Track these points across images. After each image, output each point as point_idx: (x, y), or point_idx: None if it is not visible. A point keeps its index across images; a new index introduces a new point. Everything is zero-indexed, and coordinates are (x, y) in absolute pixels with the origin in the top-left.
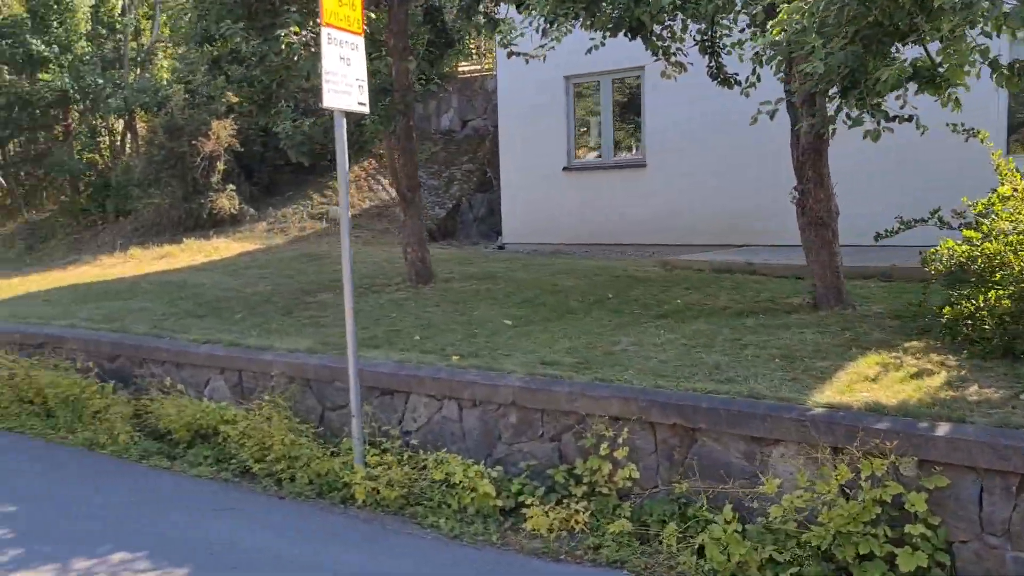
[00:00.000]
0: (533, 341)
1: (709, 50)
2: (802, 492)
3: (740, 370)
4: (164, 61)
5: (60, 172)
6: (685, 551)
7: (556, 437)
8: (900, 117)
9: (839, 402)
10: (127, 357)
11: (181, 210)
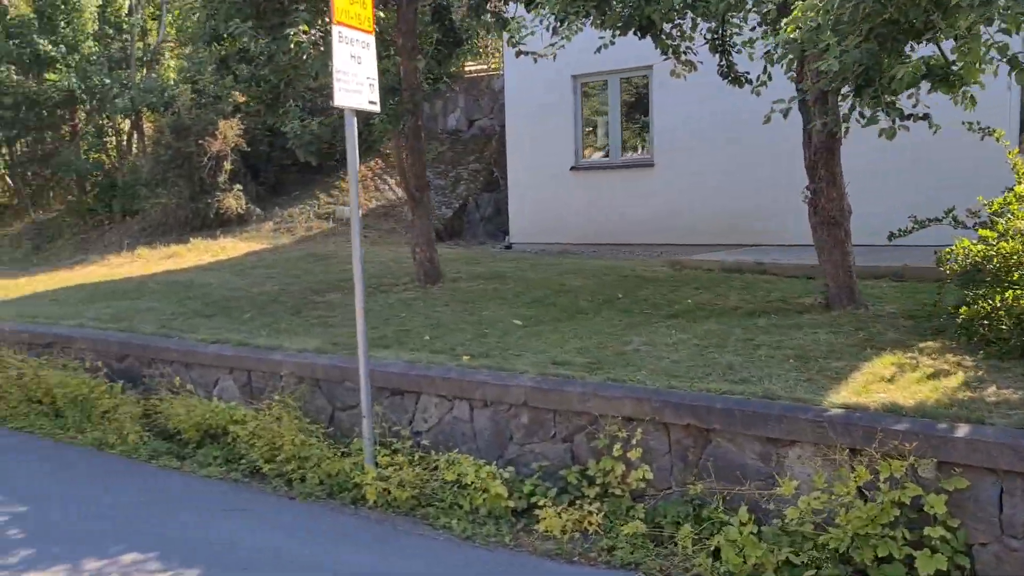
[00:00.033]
0: (544, 341)
1: (720, 49)
2: (819, 494)
3: (754, 370)
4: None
5: (67, 172)
6: (701, 553)
7: (568, 438)
8: (915, 115)
9: (856, 403)
10: (136, 357)
11: (188, 210)
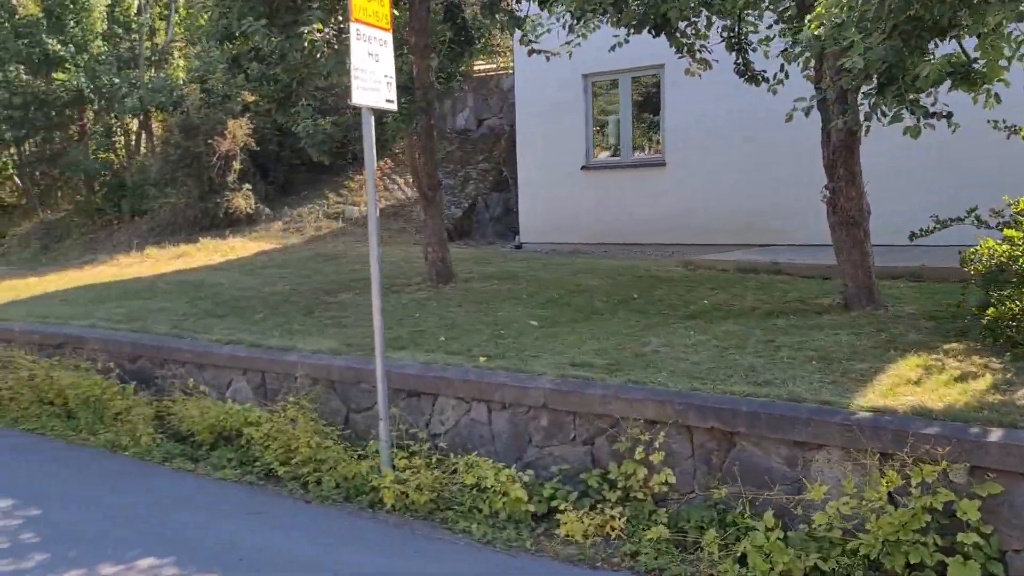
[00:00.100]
0: (561, 342)
1: (736, 47)
2: (848, 499)
3: (776, 372)
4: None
5: (75, 172)
6: (727, 559)
7: (589, 440)
8: (939, 114)
9: (883, 406)
10: (148, 358)
11: (197, 209)
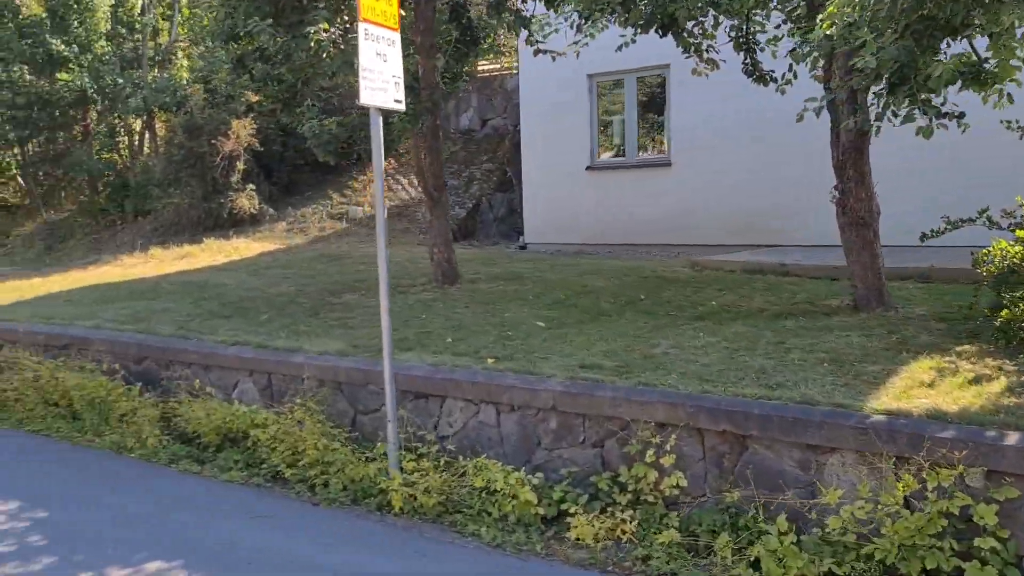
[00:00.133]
0: (569, 344)
1: (744, 47)
2: (863, 503)
3: (788, 374)
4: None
5: (79, 172)
6: (740, 563)
7: (599, 443)
8: (951, 114)
9: (897, 409)
10: (153, 359)
11: (201, 210)
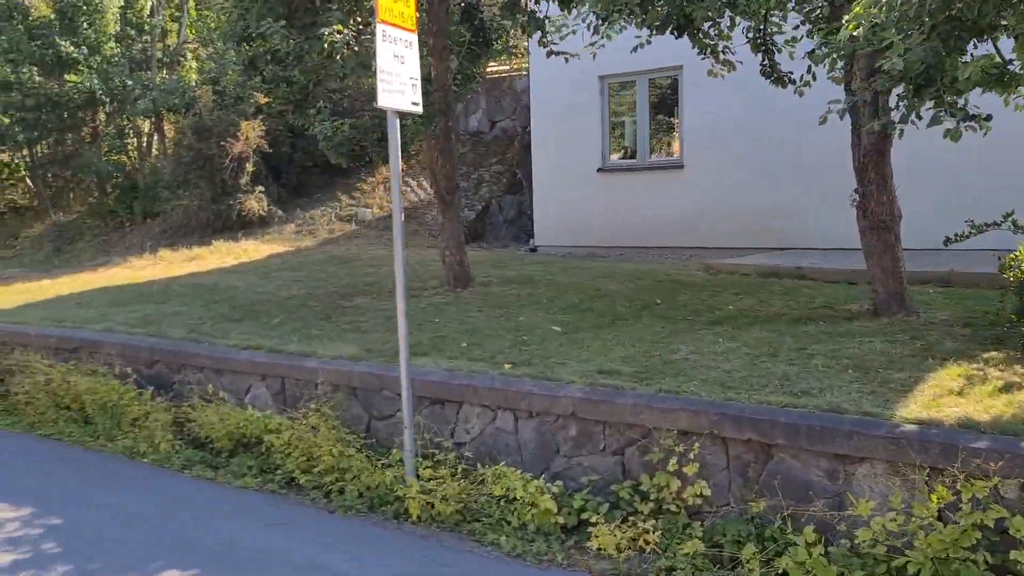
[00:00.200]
0: (586, 349)
1: (762, 48)
2: (895, 515)
3: (812, 382)
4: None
5: (88, 173)
6: (768, 575)
7: (619, 451)
8: (978, 116)
9: (928, 418)
10: (165, 363)
11: (209, 212)
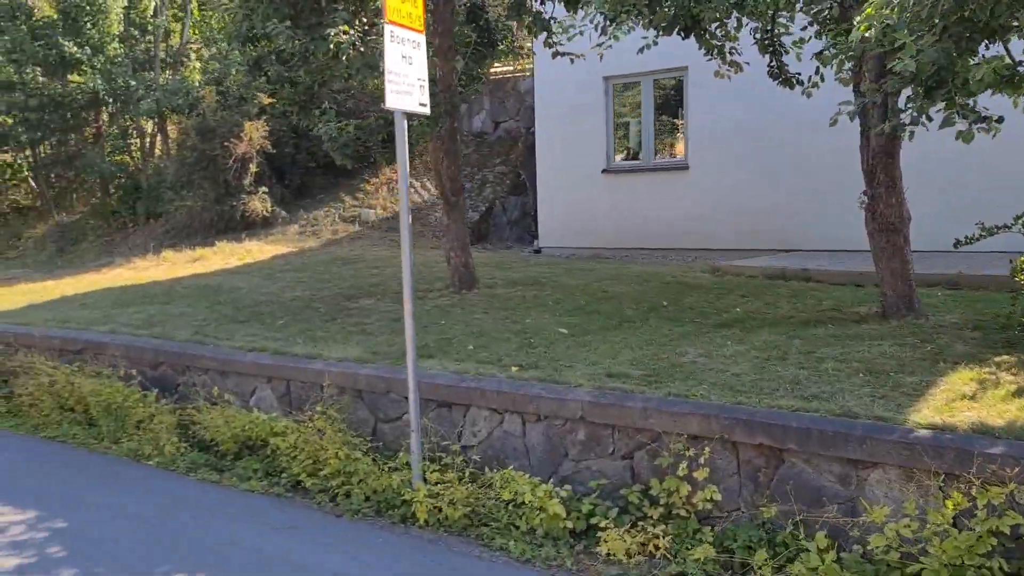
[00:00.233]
0: (594, 352)
1: (770, 49)
2: (909, 521)
3: (823, 385)
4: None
5: (91, 174)
6: None
7: (628, 455)
8: (990, 118)
9: (941, 423)
10: (170, 365)
11: (213, 212)
